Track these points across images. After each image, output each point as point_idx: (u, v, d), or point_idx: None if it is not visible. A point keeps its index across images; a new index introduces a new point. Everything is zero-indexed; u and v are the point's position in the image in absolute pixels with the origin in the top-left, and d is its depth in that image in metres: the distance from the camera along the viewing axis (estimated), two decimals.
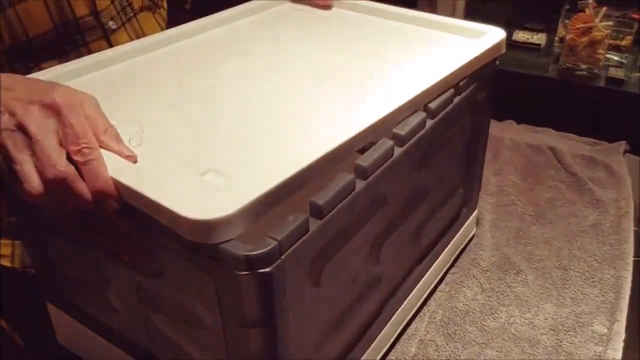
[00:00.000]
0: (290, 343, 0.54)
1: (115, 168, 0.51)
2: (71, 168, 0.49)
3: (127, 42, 0.87)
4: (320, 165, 0.52)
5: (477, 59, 0.72)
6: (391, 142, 0.60)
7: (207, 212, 0.45)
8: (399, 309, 0.75)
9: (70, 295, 0.71)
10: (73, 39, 0.80)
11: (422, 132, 0.65)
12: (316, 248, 0.53)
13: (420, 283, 0.79)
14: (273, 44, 0.79)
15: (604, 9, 1.87)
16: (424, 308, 0.83)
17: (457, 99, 0.71)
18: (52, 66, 0.75)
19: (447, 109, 0.69)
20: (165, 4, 0.99)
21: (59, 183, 0.49)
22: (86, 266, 0.65)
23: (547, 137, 1.20)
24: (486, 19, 0.85)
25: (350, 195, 0.55)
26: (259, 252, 0.46)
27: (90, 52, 0.82)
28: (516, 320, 0.82)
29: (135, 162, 0.53)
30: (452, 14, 2.38)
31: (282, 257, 0.48)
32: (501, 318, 0.82)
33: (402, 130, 0.61)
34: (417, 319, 0.81)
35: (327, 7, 0.89)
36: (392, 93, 0.63)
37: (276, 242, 0.47)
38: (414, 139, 0.63)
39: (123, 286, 0.62)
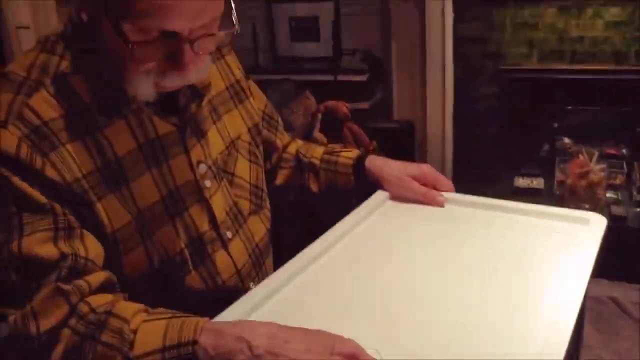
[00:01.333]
0: None
1: None
2: None
3: (242, 249, 0.91)
4: None
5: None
6: None
7: None
8: None
9: None
10: (201, 255, 0.85)
11: None
12: None
13: None
14: (412, 244, 0.91)
15: (596, 153, 2.09)
16: None
17: None
18: (187, 282, 0.83)
19: None
20: (268, 204, 1.01)
21: None
22: None
23: (602, 287, 1.32)
24: (475, 169, 0.97)
25: None
26: None
27: (214, 264, 0.86)
28: None
29: None
30: (443, 169, 2.54)
31: None
32: None
33: None
34: None
35: (439, 203, 0.98)
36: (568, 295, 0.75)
37: None
38: None
39: None
